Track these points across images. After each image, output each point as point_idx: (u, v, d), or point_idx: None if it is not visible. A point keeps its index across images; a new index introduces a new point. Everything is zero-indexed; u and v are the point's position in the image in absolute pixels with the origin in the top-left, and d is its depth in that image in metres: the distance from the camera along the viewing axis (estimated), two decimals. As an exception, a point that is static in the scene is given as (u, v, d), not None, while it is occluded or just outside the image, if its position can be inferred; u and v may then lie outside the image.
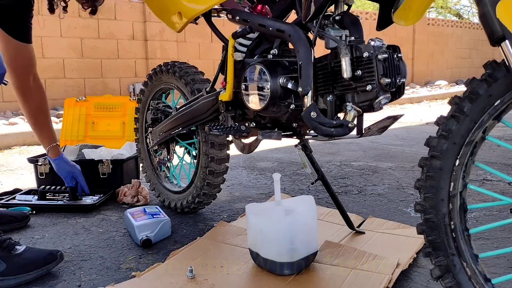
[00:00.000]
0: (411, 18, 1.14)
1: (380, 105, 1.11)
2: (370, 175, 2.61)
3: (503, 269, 1.37)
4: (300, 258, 1.28)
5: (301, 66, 1.15)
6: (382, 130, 1.28)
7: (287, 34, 1.21)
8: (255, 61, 1.31)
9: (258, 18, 1.32)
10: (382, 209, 1.99)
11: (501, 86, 0.89)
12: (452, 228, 0.97)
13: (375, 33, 1.26)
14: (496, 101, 0.90)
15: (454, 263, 0.97)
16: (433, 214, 0.98)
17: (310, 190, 2.29)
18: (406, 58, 9.57)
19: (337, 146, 3.54)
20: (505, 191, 2.24)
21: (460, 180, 0.96)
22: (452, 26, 11.07)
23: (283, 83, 1.22)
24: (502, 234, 1.63)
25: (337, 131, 1.11)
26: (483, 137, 0.95)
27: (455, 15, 17.12)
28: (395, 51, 1.11)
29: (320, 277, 1.28)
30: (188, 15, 1.46)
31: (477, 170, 2.60)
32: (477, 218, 1.84)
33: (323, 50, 1.18)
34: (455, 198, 0.97)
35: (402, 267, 1.33)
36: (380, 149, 3.43)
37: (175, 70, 1.81)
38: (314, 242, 1.34)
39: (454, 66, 11.03)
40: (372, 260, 1.36)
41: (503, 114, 0.94)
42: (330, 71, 1.15)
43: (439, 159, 0.96)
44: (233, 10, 1.40)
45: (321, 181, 1.61)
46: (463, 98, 0.94)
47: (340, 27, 1.15)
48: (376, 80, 1.06)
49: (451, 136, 0.95)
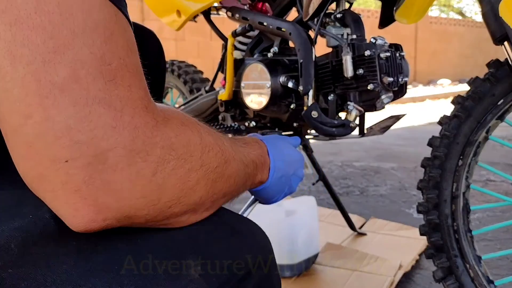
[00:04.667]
0: (414, 16, 1.13)
1: (382, 104, 1.10)
2: (372, 176, 2.60)
3: (506, 271, 1.36)
4: (301, 260, 1.27)
5: (302, 65, 1.14)
6: (384, 129, 1.26)
7: (288, 32, 1.20)
8: (255, 59, 1.30)
9: (258, 16, 1.30)
10: (384, 210, 1.97)
11: (504, 85, 0.88)
12: (455, 229, 0.96)
13: (377, 32, 1.25)
14: (499, 100, 0.89)
15: (457, 265, 0.96)
16: (435, 215, 0.97)
17: (311, 191, 2.28)
18: (408, 57, 9.53)
19: (338, 146, 3.53)
20: (509, 192, 2.23)
21: (463, 181, 0.95)
22: (455, 25, 11.05)
23: (283, 82, 1.21)
24: (506, 236, 1.62)
25: (339, 130, 1.10)
26: (486, 137, 0.94)
27: (458, 13, 17.11)
28: (398, 50, 1.10)
29: (321, 279, 1.27)
30: (187, 13, 1.45)
31: (480, 170, 2.58)
32: (480, 219, 1.82)
33: (324, 49, 1.17)
34: (458, 199, 0.96)
35: (404, 269, 1.32)
36: (382, 149, 3.42)
37: (174, 68, 1.80)
38: (315, 243, 1.33)
39: (457, 65, 11.01)
40: (374, 262, 1.35)
41: (506, 114, 0.93)
42: (331, 70, 1.14)
43: (442, 159, 0.95)
44: (232, 8, 1.39)
45: (322, 182, 1.60)
46: (466, 98, 0.93)
47: (341, 25, 1.14)
48: (378, 79, 1.05)
49: (454, 136, 0.94)
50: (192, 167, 0.40)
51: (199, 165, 0.41)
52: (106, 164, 0.34)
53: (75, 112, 0.33)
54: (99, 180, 0.34)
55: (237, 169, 0.49)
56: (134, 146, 0.35)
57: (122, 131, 0.34)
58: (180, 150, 0.39)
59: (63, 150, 0.33)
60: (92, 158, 0.33)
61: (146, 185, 0.36)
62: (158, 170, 0.37)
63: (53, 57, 0.32)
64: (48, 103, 0.32)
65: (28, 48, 0.32)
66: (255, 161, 0.56)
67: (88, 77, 0.33)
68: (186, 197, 0.40)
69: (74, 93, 0.33)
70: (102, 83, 0.34)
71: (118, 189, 0.35)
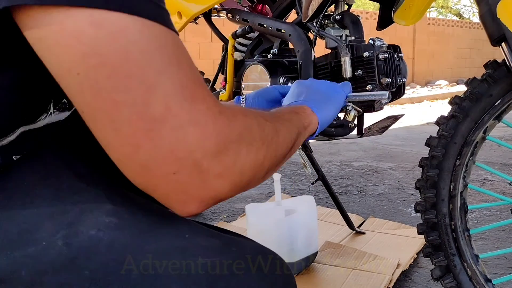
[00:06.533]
0: (412, 18, 1.14)
1: (381, 105, 1.11)
2: (371, 175, 2.61)
3: (504, 270, 1.37)
4: (300, 259, 1.28)
5: (301, 66, 1.15)
6: (383, 130, 1.27)
7: (287, 34, 1.21)
8: (255, 61, 1.31)
9: (258, 17, 1.31)
10: (383, 209, 1.99)
11: (502, 86, 0.89)
12: (452, 228, 0.97)
13: (376, 33, 1.26)
14: (496, 101, 0.90)
15: (454, 264, 0.97)
16: (433, 214, 0.98)
17: (310, 190, 2.29)
18: (406, 58, 9.56)
19: (337, 146, 3.54)
20: (506, 191, 2.24)
21: (460, 180, 0.96)
22: (453, 26, 11.06)
23: (283, 82, 1.22)
24: (503, 235, 1.63)
25: (338, 131, 1.11)
26: (484, 137, 0.95)
27: (456, 15, 17.11)
28: (396, 51, 1.11)
29: (320, 277, 1.28)
30: (188, 15, 1.46)
31: (478, 170, 2.59)
32: (477, 218, 1.83)
33: (323, 50, 1.18)
34: (455, 198, 0.97)
35: (402, 268, 1.33)
36: (380, 149, 3.43)
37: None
38: (314, 242, 1.34)
39: (455, 66, 11.01)
40: (373, 260, 1.36)
41: (503, 114, 0.94)
42: (330, 71, 1.15)
43: (439, 159, 0.96)
44: (233, 9, 1.40)
45: (321, 181, 1.61)
46: (463, 98, 0.94)
47: (340, 26, 1.15)
48: (376, 80, 1.06)
49: (452, 136, 0.95)
50: (257, 147, 0.48)
51: (261, 143, 0.49)
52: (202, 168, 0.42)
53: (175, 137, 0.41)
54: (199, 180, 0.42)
55: (287, 131, 0.59)
56: (219, 148, 0.43)
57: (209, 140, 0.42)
58: (248, 137, 0.47)
59: (171, 166, 0.41)
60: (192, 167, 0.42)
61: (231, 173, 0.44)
62: (236, 159, 0.45)
63: (148, 97, 0.39)
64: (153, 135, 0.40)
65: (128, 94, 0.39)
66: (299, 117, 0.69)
67: (176, 106, 0.41)
68: (259, 172, 0.49)
69: (171, 122, 0.40)
70: (187, 107, 0.41)
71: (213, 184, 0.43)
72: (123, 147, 0.41)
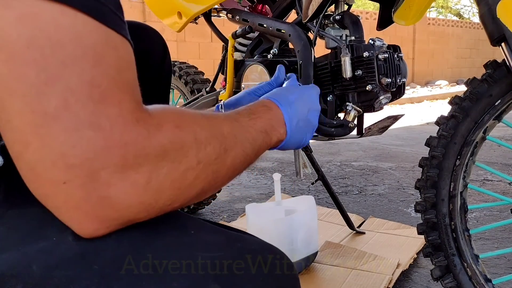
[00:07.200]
0: (412, 18, 1.14)
1: (381, 105, 1.11)
2: (371, 175, 2.61)
3: (504, 270, 1.37)
4: (300, 259, 1.28)
5: (301, 66, 1.15)
6: (383, 130, 1.27)
7: (287, 34, 1.21)
8: (255, 60, 1.31)
9: (258, 17, 1.31)
10: (383, 209, 1.99)
11: (502, 86, 0.89)
12: (452, 228, 0.97)
13: (376, 33, 1.26)
14: (496, 101, 0.90)
15: (454, 264, 0.97)
16: (433, 214, 0.98)
17: (310, 190, 2.29)
18: (406, 58, 9.57)
19: (337, 146, 3.54)
20: (506, 191, 2.24)
21: (460, 180, 0.96)
22: (453, 26, 11.06)
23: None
24: (503, 235, 1.63)
25: (338, 131, 1.11)
26: (484, 137, 0.95)
27: (456, 15, 17.12)
28: (396, 51, 1.11)
29: (320, 277, 1.28)
30: (188, 15, 1.46)
31: (478, 170, 2.59)
32: (477, 218, 1.83)
33: (323, 50, 1.18)
34: (455, 198, 0.97)
35: (402, 268, 1.33)
36: (380, 149, 3.43)
37: (175, 70, 1.81)
38: (314, 242, 1.34)
39: (455, 66, 11.02)
40: (373, 260, 1.36)
41: (503, 114, 0.94)
42: (330, 71, 1.15)
43: (439, 159, 0.96)
44: (233, 9, 1.40)
45: (321, 181, 1.61)
46: (463, 98, 0.94)
47: (340, 27, 1.15)
48: (376, 80, 1.06)
49: (452, 136, 0.95)
50: (188, 167, 0.42)
51: (195, 163, 0.43)
52: (99, 181, 0.37)
53: (67, 138, 0.36)
54: (95, 196, 0.37)
55: (242, 149, 0.51)
56: (125, 162, 0.37)
57: (113, 150, 0.37)
58: (174, 154, 0.41)
59: (60, 173, 0.36)
60: (86, 178, 0.36)
61: (141, 193, 0.39)
62: (152, 177, 0.39)
63: (45, 89, 0.35)
64: (43, 132, 0.35)
65: (23, 82, 0.35)
66: (264, 128, 0.59)
67: (77, 103, 0.36)
68: (185, 193, 0.43)
69: (65, 120, 0.35)
70: (91, 107, 0.36)
71: (115, 202, 0.38)
72: (14, 143, 0.37)
